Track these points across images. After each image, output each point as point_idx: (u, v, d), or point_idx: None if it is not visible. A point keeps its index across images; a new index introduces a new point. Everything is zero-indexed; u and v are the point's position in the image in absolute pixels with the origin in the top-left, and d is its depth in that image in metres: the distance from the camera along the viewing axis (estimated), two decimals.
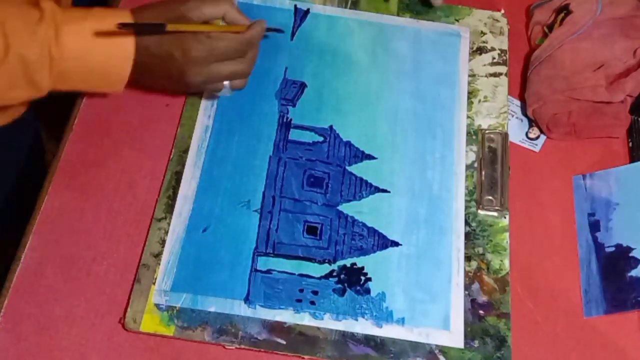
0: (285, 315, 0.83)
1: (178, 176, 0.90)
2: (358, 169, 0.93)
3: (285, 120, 0.95)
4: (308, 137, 0.95)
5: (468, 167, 0.94)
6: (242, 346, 0.81)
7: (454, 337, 0.83)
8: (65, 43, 0.77)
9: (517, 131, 1.00)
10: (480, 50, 1.03)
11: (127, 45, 0.80)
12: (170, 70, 0.84)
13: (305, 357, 0.82)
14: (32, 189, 0.95)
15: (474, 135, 0.96)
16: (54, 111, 1.04)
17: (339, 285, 0.85)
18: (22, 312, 0.83)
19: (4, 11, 0.75)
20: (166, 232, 0.87)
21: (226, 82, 0.88)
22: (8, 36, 0.74)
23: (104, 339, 0.83)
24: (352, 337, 0.82)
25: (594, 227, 0.92)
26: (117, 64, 0.81)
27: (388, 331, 0.83)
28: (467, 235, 0.90)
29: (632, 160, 0.99)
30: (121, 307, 0.84)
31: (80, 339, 0.83)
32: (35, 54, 0.75)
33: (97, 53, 0.79)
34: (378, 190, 0.92)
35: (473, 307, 0.85)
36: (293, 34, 1.03)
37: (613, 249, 0.89)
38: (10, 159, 1.12)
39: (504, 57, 1.03)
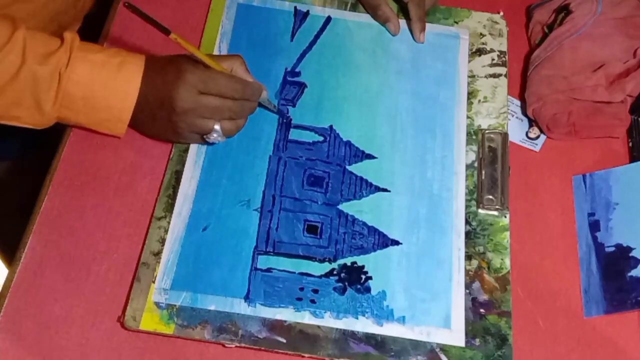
0: (285, 314, 0.83)
1: (178, 175, 0.90)
2: (358, 169, 0.93)
3: (285, 120, 0.95)
4: (308, 136, 0.95)
5: (468, 166, 0.94)
6: (242, 344, 0.81)
7: (455, 335, 0.83)
8: (74, 68, 0.82)
9: (517, 131, 1.00)
10: (480, 52, 1.04)
11: (131, 84, 0.84)
12: (163, 98, 0.85)
13: (306, 355, 0.81)
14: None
15: (474, 135, 0.96)
16: None
17: (340, 284, 0.85)
18: (22, 312, 0.83)
19: (30, 36, 0.82)
20: (166, 231, 0.87)
21: (217, 126, 0.87)
22: (26, 56, 0.80)
23: (104, 339, 0.83)
24: (353, 335, 0.82)
25: (594, 227, 0.92)
26: (120, 98, 0.84)
27: (389, 330, 0.83)
28: (468, 234, 0.90)
29: (632, 160, 0.99)
30: (121, 307, 0.84)
31: (80, 339, 0.82)
32: (46, 73, 0.81)
33: (102, 83, 0.83)
34: (378, 189, 0.92)
35: (474, 306, 0.85)
36: (293, 35, 1.03)
37: (613, 249, 0.89)
38: None
39: (503, 59, 1.03)
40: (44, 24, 0.99)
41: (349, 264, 0.86)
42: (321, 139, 0.95)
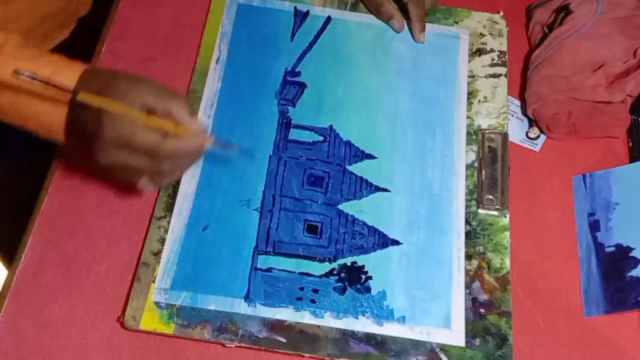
0: (285, 314, 0.83)
1: None
2: (358, 168, 0.93)
3: (285, 120, 0.95)
4: (308, 136, 0.95)
5: (468, 166, 0.94)
6: (242, 344, 0.81)
7: (455, 335, 0.83)
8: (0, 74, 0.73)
9: (517, 131, 1.00)
10: (480, 52, 1.04)
11: (57, 104, 0.74)
12: (85, 143, 0.73)
13: (306, 355, 0.81)
14: None
15: (474, 135, 0.96)
16: None
17: (340, 284, 0.85)
18: (22, 312, 0.83)
19: None
20: (166, 231, 0.86)
21: (142, 181, 0.75)
22: None
23: (104, 339, 0.83)
24: (353, 335, 0.82)
25: (594, 227, 0.92)
26: (48, 113, 0.75)
27: (389, 329, 0.83)
28: (468, 234, 0.89)
29: (632, 160, 0.99)
30: (121, 307, 0.84)
31: (80, 339, 0.83)
32: None
33: (29, 97, 0.74)
34: (378, 189, 0.92)
35: (474, 306, 0.85)
36: (293, 35, 1.03)
37: (613, 249, 0.89)
38: None
39: (503, 59, 1.03)
40: (32, 25, 0.97)
41: (349, 263, 0.86)
42: (321, 138, 0.95)
